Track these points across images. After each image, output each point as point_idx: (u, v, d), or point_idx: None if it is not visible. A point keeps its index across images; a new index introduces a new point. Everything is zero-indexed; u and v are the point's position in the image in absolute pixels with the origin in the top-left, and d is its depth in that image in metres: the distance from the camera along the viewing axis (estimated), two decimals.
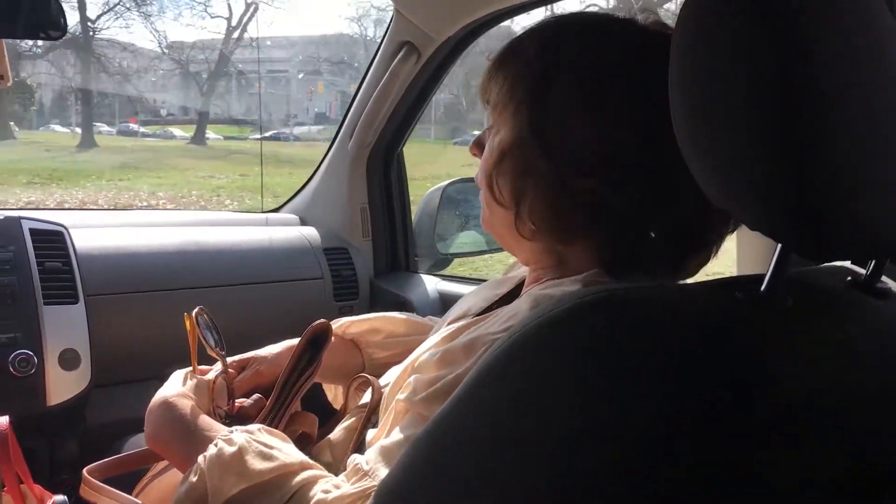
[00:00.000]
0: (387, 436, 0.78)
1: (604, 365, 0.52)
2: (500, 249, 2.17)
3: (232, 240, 1.84)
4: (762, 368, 0.54)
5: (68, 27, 1.21)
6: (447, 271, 2.13)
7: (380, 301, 1.97)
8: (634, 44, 0.78)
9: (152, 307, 1.63)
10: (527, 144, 0.78)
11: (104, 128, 15.84)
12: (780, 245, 0.57)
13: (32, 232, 1.52)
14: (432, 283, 1.96)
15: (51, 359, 1.41)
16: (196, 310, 1.01)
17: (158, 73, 16.42)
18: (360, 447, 0.88)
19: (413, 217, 2.13)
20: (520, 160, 0.79)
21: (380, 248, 2.06)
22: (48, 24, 1.17)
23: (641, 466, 0.49)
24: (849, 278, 0.69)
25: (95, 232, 1.68)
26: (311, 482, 0.78)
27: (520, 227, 0.81)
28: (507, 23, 1.74)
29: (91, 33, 15.34)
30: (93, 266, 1.57)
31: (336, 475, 0.80)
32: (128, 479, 1.02)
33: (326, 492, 0.75)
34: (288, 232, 1.98)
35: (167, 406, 0.90)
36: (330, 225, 2.04)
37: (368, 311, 1.90)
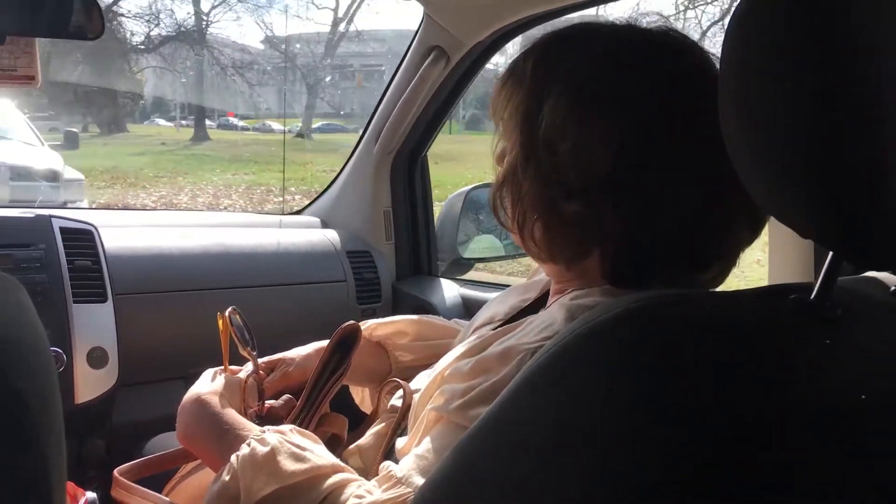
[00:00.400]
0: (419, 444, 0.78)
1: (649, 372, 0.51)
2: (523, 255, 2.18)
3: (256, 241, 1.85)
4: (811, 378, 0.53)
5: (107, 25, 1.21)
6: (468, 276, 2.12)
7: (402, 305, 1.97)
8: (623, 54, 0.78)
9: (179, 307, 1.64)
10: (522, 168, 0.79)
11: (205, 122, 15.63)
12: (831, 253, 0.57)
13: (63, 231, 1.53)
14: (454, 288, 1.96)
15: (79, 357, 1.42)
16: (229, 309, 1.01)
17: (262, 66, 16.09)
18: (389, 453, 0.88)
19: (436, 221, 2.14)
20: (517, 184, 0.80)
21: (402, 251, 2.06)
22: (86, 23, 1.18)
23: (682, 477, 0.48)
24: (893, 288, 0.68)
25: (123, 231, 1.69)
26: (343, 485, 0.78)
27: (526, 248, 0.82)
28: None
29: (205, 26, 15.24)
30: (121, 265, 1.58)
31: (367, 480, 0.80)
32: (158, 479, 1.02)
33: (359, 497, 0.75)
34: (311, 234, 1.99)
35: (200, 403, 0.91)
36: (353, 228, 2.05)
37: (391, 315, 1.92)
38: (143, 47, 14.93)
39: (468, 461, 0.57)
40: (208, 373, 0.98)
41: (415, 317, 1.20)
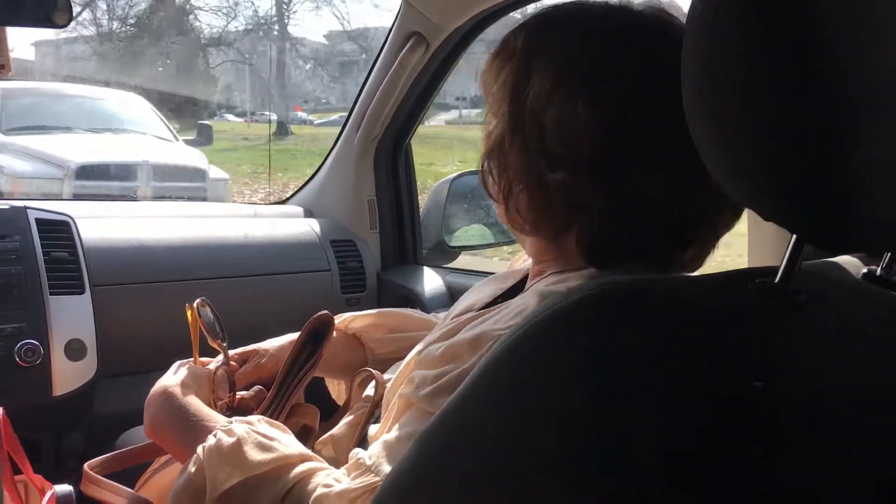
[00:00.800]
0: (389, 431, 0.77)
1: (610, 356, 0.51)
2: (509, 242, 2.18)
3: (239, 231, 1.84)
4: (773, 362, 0.53)
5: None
6: (454, 264, 2.12)
7: (387, 294, 1.96)
8: (612, 33, 0.77)
9: (158, 298, 1.63)
10: (508, 139, 0.79)
11: (273, 116, 14.98)
12: (794, 236, 0.56)
13: (38, 222, 1.52)
14: (440, 276, 1.95)
15: (57, 349, 1.42)
16: (197, 301, 1.00)
17: (342, 59, 15.77)
18: (362, 442, 0.88)
19: (421, 210, 2.13)
20: (504, 155, 0.80)
21: (387, 240, 2.05)
22: (53, 10, 1.16)
23: (646, 463, 0.48)
24: (864, 271, 0.67)
25: (101, 223, 1.68)
26: (311, 474, 0.77)
27: (510, 220, 0.82)
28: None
29: (286, 19, 15.05)
30: (99, 256, 1.57)
31: (338, 469, 0.79)
32: (129, 473, 1.02)
33: (328, 486, 0.74)
34: (295, 224, 1.97)
35: (167, 395, 0.90)
36: (337, 217, 2.04)
37: (376, 304, 1.93)
38: (219, 41, 14.72)
39: (434, 447, 0.57)
40: (177, 365, 0.98)
41: (392, 310, 1.19)
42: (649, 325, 0.52)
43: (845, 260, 0.73)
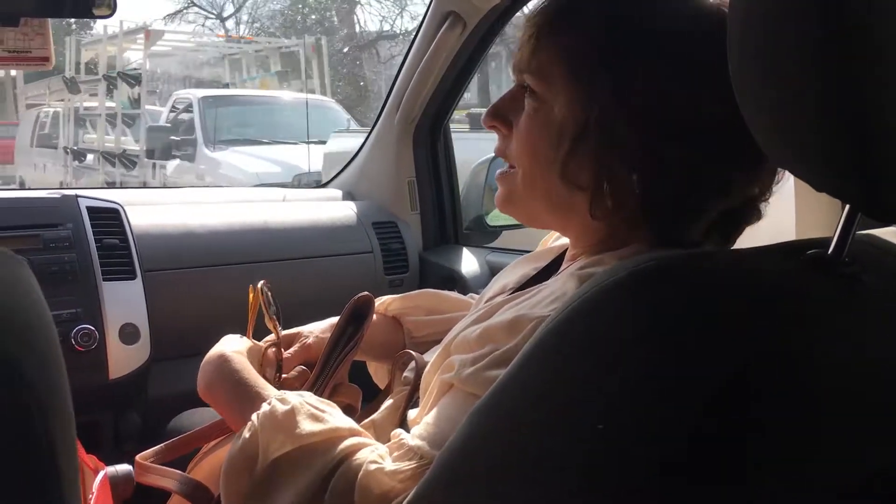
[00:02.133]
0: (428, 414, 0.77)
1: (660, 331, 0.51)
2: None
3: (282, 216, 1.86)
4: (828, 335, 0.52)
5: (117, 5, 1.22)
6: (495, 243, 2.12)
7: (429, 274, 1.97)
8: (696, 6, 0.76)
9: (206, 282, 1.66)
10: (613, 116, 0.73)
11: None
12: (847, 206, 0.55)
13: (90, 210, 1.55)
14: (481, 256, 1.96)
15: (111, 333, 1.45)
16: (261, 282, 1.02)
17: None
18: (402, 425, 0.88)
19: (461, 190, 2.13)
20: (605, 135, 0.74)
21: (428, 221, 2.06)
22: (94, 2, 1.18)
23: (694, 431, 0.48)
24: None
25: (149, 209, 1.71)
26: (358, 448, 0.78)
27: (596, 207, 0.76)
28: None
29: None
30: (148, 243, 1.60)
31: None
32: (181, 457, 1.04)
33: (374, 462, 0.75)
34: (336, 207, 1.99)
35: (223, 359, 0.92)
36: (378, 199, 2.05)
37: (418, 285, 1.94)
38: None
39: (483, 428, 0.57)
40: (229, 336, 0.99)
41: (429, 290, 1.19)
42: (699, 300, 0.52)
43: (888, 231, 0.72)
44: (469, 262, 1.93)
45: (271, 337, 1.03)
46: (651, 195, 0.74)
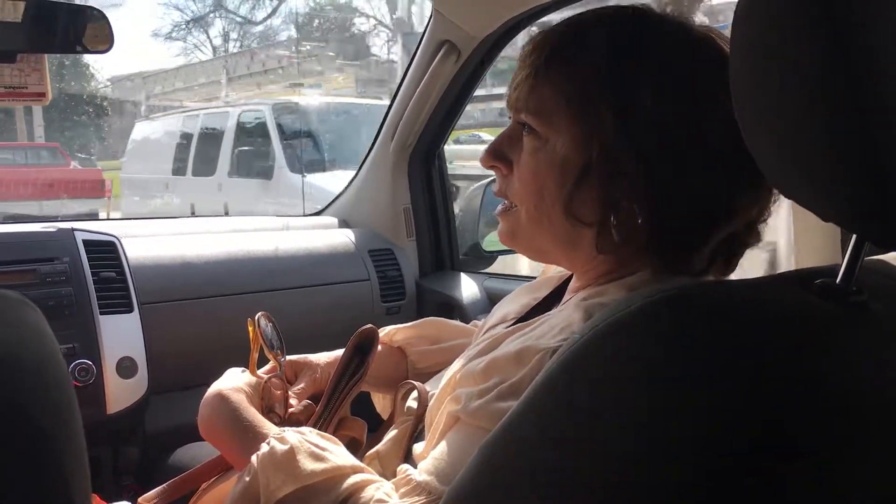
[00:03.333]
0: (435, 448, 0.77)
1: (676, 364, 0.51)
2: None
3: (278, 245, 1.85)
4: (837, 365, 0.52)
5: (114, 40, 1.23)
6: (492, 269, 2.12)
7: (426, 301, 1.97)
8: (694, 37, 0.76)
9: (203, 314, 1.65)
10: (616, 151, 0.73)
11: None
12: (854, 235, 0.56)
13: (86, 243, 1.55)
14: (478, 282, 1.95)
15: (108, 368, 1.44)
16: (259, 314, 1.02)
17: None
18: (406, 457, 0.88)
19: (456, 216, 2.13)
20: (609, 169, 0.74)
21: (424, 248, 2.06)
22: (92, 38, 1.19)
23: (715, 465, 0.48)
24: None
25: (145, 241, 1.71)
26: (363, 486, 0.77)
27: (602, 241, 0.77)
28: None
29: None
30: (145, 275, 1.59)
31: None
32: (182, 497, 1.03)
33: (381, 501, 0.74)
34: (332, 235, 1.99)
35: (222, 398, 0.91)
36: (373, 226, 2.05)
37: (415, 312, 1.94)
38: None
39: (494, 463, 0.57)
40: (232, 370, 0.99)
41: (431, 319, 1.18)
42: (712, 331, 0.52)
43: (891, 257, 0.72)
44: (467, 289, 1.93)
45: (269, 367, 1.02)
46: (657, 227, 0.74)
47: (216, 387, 0.94)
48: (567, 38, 0.78)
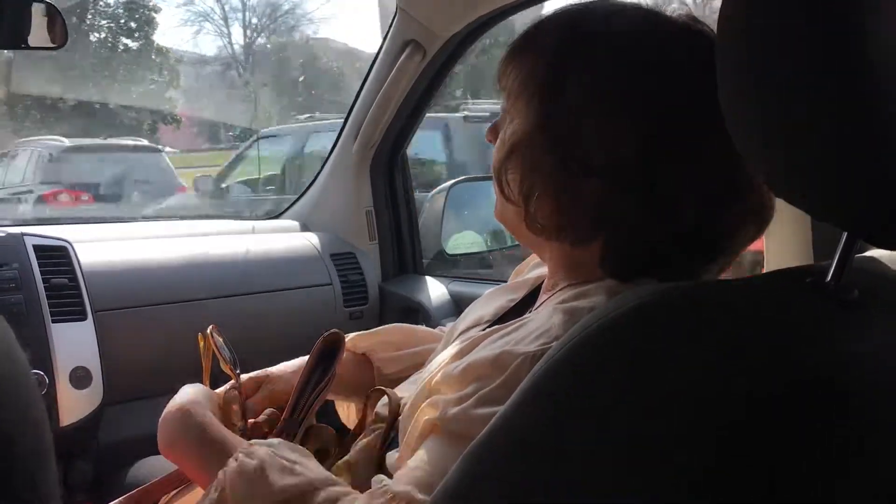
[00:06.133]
0: (412, 457, 0.75)
1: (665, 369, 0.50)
2: (513, 246, 2.17)
3: (237, 249, 1.82)
4: (830, 362, 0.51)
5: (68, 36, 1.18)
6: (455, 272, 2.10)
7: (390, 306, 1.95)
8: (654, 41, 0.76)
9: (160, 321, 1.61)
10: (536, 139, 0.76)
11: None
12: (845, 233, 0.55)
13: (36, 248, 1.49)
14: (442, 285, 1.94)
15: (62, 378, 1.39)
16: (210, 328, 0.98)
17: None
18: (380, 467, 0.85)
19: (419, 219, 2.11)
20: (528, 155, 0.77)
21: (387, 251, 2.04)
22: (48, 33, 1.14)
23: (710, 469, 0.47)
24: None
25: (98, 246, 1.65)
26: (336, 499, 0.75)
27: (529, 223, 0.79)
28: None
29: None
30: (99, 281, 1.54)
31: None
32: None
33: None
34: (292, 239, 1.96)
35: (183, 413, 0.87)
36: (335, 230, 2.02)
37: (378, 317, 1.91)
38: None
39: (479, 470, 0.55)
40: (187, 386, 0.95)
41: (396, 325, 1.17)
42: (703, 333, 0.51)
43: (881, 254, 0.72)
44: (431, 292, 1.91)
45: (230, 384, 0.99)
46: (569, 220, 0.76)
47: (175, 402, 0.90)
48: (534, 27, 0.82)
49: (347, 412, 1.13)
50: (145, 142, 9.96)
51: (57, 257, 1.51)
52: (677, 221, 0.74)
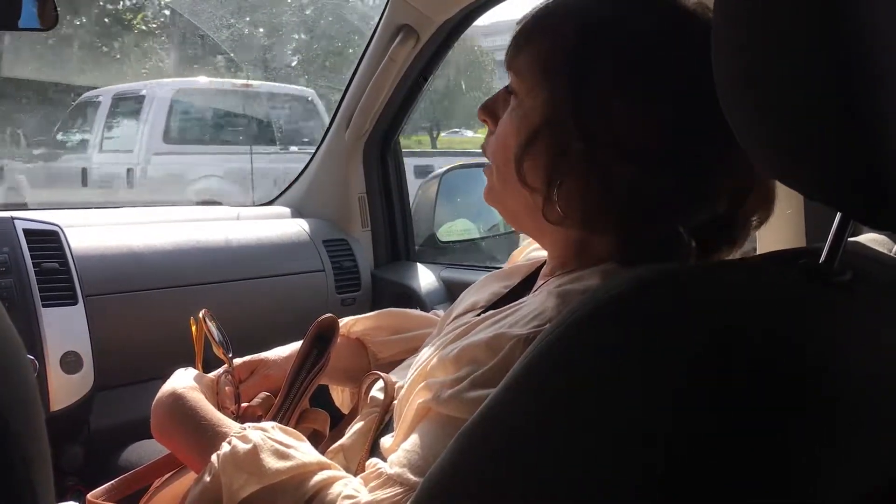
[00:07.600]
0: (406, 440, 0.75)
1: (657, 349, 0.50)
2: (508, 232, 2.16)
3: (229, 235, 1.81)
4: (818, 345, 0.51)
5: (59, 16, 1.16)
6: (448, 259, 2.10)
7: (382, 292, 1.95)
8: (678, 22, 0.75)
9: (152, 306, 1.60)
10: (564, 125, 0.74)
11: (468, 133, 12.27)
12: (839, 214, 0.55)
13: (27, 232, 1.48)
14: (435, 272, 1.93)
15: (52, 363, 1.38)
16: (202, 312, 0.98)
17: None
18: (373, 450, 0.85)
19: (412, 206, 2.11)
20: (555, 141, 0.74)
21: (379, 238, 2.03)
22: (38, 15, 1.13)
23: (699, 446, 0.47)
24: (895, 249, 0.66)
25: (90, 231, 1.64)
26: (330, 483, 0.75)
27: (547, 211, 0.76)
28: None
29: None
30: (90, 265, 1.53)
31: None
32: (132, 495, 0.98)
33: (350, 497, 0.72)
34: (285, 225, 1.95)
35: (176, 397, 0.87)
36: (328, 216, 2.02)
37: (371, 303, 1.91)
38: None
39: (471, 452, 0.55)
40: (181, 370, 0.95)
41: (391, 310, 1.16)
42: (695, 315, 0.51)
43: (872, 237, 0.72)
44: (423, 279, 1.91)
45: (223, 368, 0.98)
46: (597, 208, 0.74)
47: (169, 386, 0.90)
48: (549, 7, 0.80)
49: (342, 396, 1.13)
50: None
51: (48, 241, 1.49)
52: (711, 206, 0.73)
